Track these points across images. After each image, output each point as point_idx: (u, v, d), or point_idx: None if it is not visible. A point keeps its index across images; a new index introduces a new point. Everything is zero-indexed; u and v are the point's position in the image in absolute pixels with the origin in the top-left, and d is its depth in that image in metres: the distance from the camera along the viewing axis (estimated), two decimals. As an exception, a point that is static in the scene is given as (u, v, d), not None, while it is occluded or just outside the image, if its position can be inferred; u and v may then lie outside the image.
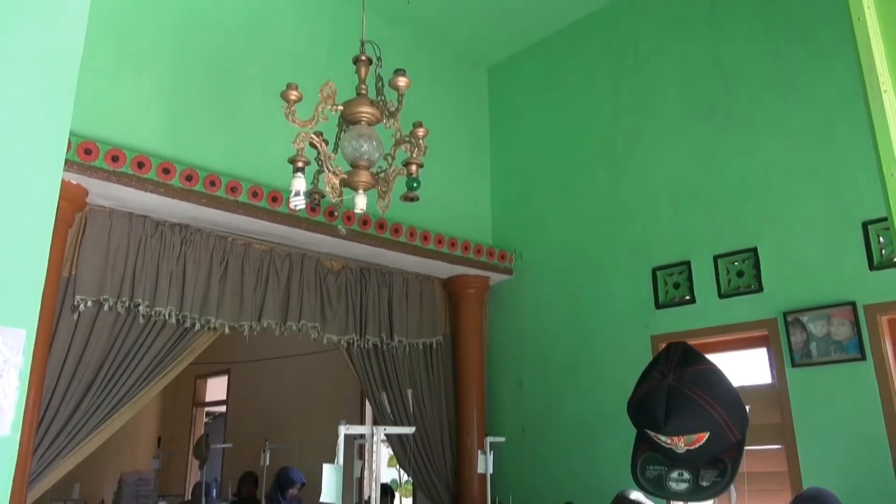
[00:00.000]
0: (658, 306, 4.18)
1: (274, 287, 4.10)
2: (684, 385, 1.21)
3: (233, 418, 8.66)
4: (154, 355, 3.61)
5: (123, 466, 8.01)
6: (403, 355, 4.73)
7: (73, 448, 3.29)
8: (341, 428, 2.11)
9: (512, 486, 4.32)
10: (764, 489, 3.58)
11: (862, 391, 3.32)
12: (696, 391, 1.19)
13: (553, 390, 4.66)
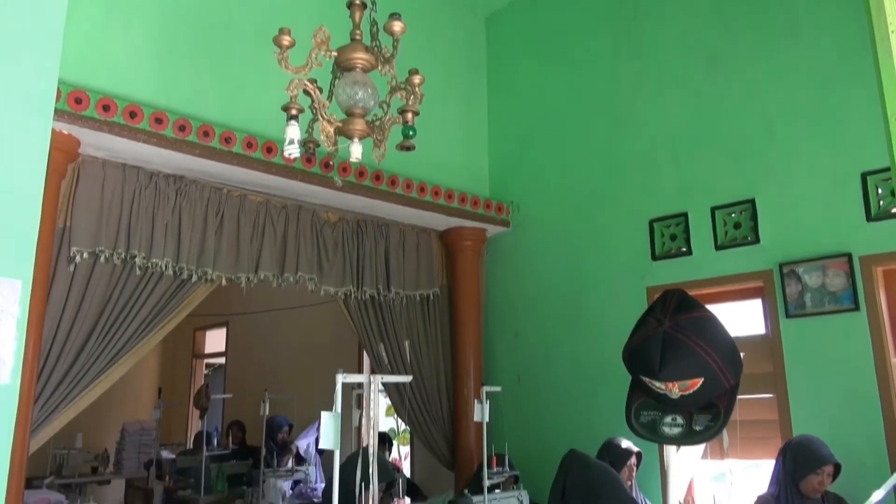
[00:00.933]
0: (654, 258, 4.19)
1: (270, 239, 4.09)
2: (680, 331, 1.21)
3: (232, 370, 8.76)
4: (152, 307, 3.62)
5: (125, 417, 8.13)
6: (401, 307, 4.76)
7: (73, 398, 3.33)
8: (339, 377, 2.13)
9: (508, 434, 4.39)
10: (755, 437, 3.65)
11: (854, 341, 3.36)
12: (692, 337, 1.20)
13: (549, 341, 4.71)
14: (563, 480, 2.18)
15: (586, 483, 2.13)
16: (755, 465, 3.85)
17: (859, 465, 3.15)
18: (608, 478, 2.17)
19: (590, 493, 2.10)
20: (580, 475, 2.16)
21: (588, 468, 2.19)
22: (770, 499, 3.00)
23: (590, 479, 2.14)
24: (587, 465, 2.20)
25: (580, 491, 2.12)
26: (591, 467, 2.20)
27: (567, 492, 2.14)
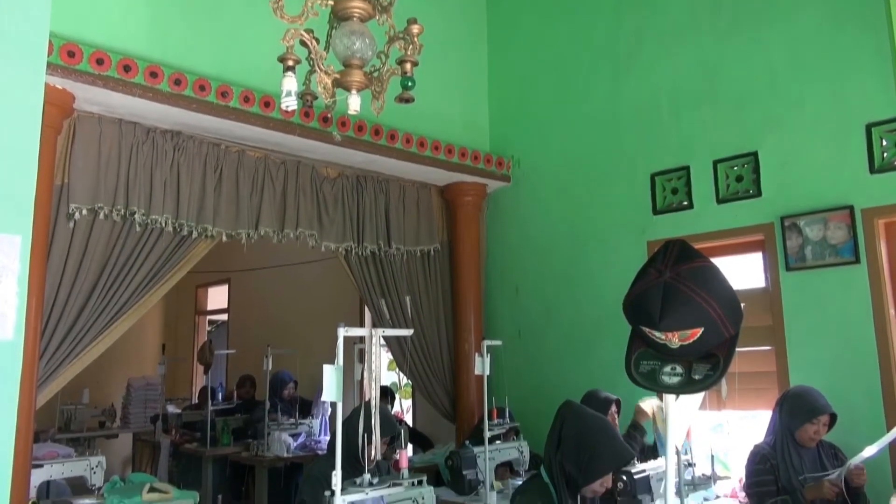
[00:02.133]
0: (655, 212, 4.18)
1: (270, 195, 4.07)
2: (680, 281, 1.21)
3: (235, 326, 8.83)
4: (153, 263, 3.63)
5: (130, 372, 8.23)
6: (401, 262, 4.77)
7: (78, 353, 3.36)
8: (340, 330, 2.14)
9: (508, 387, 4.44)
10: (753, 388, 3.70)
11: (854, 294, 3.37)
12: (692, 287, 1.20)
13: (549, 296, 4.73)
14: (559, 431, 2.21)
15: (581, 433, 2.17)
16: (752, 415, 3.91)
17: (855, 414, 3.20)
18: (603, 427, 2.20)
19: (585, 443, 2.14)
20: (575, 425, 2.20)
21: (583, 418, 2.22)
22: (766, 448, 3.05)
23: (585, 429, 2.18)
24: (582, 416, 2.23)
25: (575, 441, 2.15)
26: (586, 417, 2.23)
27: (563, 442, 2.18)
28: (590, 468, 2.11)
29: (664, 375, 1.23)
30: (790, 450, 2.99)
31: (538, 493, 2.15)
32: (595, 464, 2.11)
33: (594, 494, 2.21)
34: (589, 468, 2.11)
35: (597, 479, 2.14)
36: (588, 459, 2.11)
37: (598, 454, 2.12)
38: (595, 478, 2.13)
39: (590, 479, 2.13)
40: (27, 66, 1.96)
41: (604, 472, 2.14)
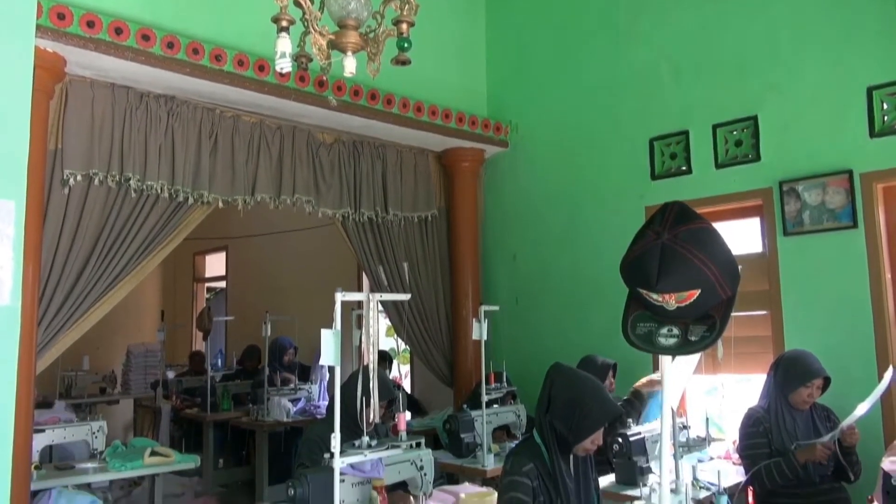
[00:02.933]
0: (654, 177, 4.16)
1: (266, 160, 4.04)
2: (678, 243, 1.21)
3: (233, 293, 8.85)
4: (149, 229, 3.62)
5: (130, 339, 8.27)
6: (399, 229, 4.76)
7: (76, 319, 3.37)
8: (338, 295, 2.14)
9: (505, 352, 4.48)
10: (748, 352, 3.73)
11: (850, 259, 3.38)
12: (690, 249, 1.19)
13: (547, 261, 4.73)
14: (548, 392, 2.23)
15: (570, 393, 2.18)
16: (747, 379, 3.95)
17: (849, 378, 3.22)
18: (593, 388, 2.22)
19: (574, 402, 2.15)
20: (564, 386, 2.21)
21: (571, 379, 2.24)
22: (760, 410, 3.08)
23: (573, 389, 2.19)
24: (570, 376, 2.24)
25: (564, 401, 2.17)
26: (575, 378, 2.24)
27: (552, 403, 2.19)
28: (580, 426, 2.13)
29: (660, 337, 1.24)
30: (784, 413, 3.02)
31: (530, 454, 2.18)
32: (584, 422, 2.13)
33: (586, 452, 2.23)
34: (579, 426, 2.13)
35: (587, 436, 2.16)
36: (578, 418, 2.13)
37: (586, 412, 2.14)
38: (585, 436, 2.16)
39: (580, 438, 2.15)
40: (16, 28, 1.92)
41: (593, 429, 2.16)
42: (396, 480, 2.66)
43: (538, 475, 2.13)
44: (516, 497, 2.09)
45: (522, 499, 2.08)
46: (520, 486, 2.10)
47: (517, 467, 2.13)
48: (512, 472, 2.14)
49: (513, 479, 2.12)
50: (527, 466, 2.13)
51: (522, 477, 2.11)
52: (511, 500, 2.09)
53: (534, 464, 2.14)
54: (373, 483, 2.36)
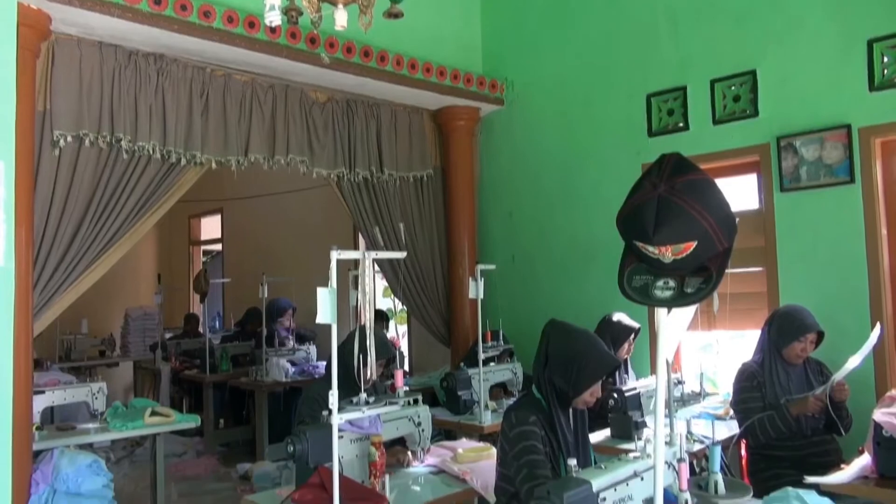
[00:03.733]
0: (651, 134, 4.13)
1: (258, 120, 3.99)
2: (675, 195, 1.20)
3: (229, 255, 8.84)
4: (142, 191, 3.58)
5: (128, 303, 8.30)
6: (394, 189, 4.73)
7: (72, 282, 3.36)
8: (333, 253, 2.13)
9: (502, 310, 4.50)
10: (743, 308, 3.75)
11: (847, 214, 3.38)
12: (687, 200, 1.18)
13: (543, 219, 4.73)
14: (545, 348, 2.24)
15: (567, 347, 2.19)
16: (741, 335, 3.98)
17: (843, 332, 3.25)
18: (589, 342, 2.23)
19: (571, 356, 2.17)
20: (561, 341, 2.23)
21: (568, 333, 2.25)
22: (753, 365, 3.11)
23: (570, 343, 2.21)
24: (568, 333, 2.25)
25: (562, 355, 2.18)
26: (571, 332, 2.25)
27: (550, 358, 2.21)
28: (578, 379, 2.15)
29: (657, 290, 1.24)
30: (777, 367, 3.05)
31: (531, 408, 2.20)
32: (583, 375, 2.15)
33: (585, 405, 2.26)
34: (577, 380, 2.15)
35: (586, 389, 2.18)
36: (576, 371, 2.15)
37: (584, 365, 2.15)
38: (584, 388, 2.18)
39: (579, 391, 2.17)
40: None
41: (592, 381, 2.18)
42: (395, 437, 2.69)
43: (542, 426, 2.15)
44: (532, 445, 2.11)
45: (537, 445, 2.11)
46: (532, 435, 2.12)
47: (523, 419, 2.16)
48: (519, 424, 2.16)
49: (523, 430, 2.14)
50: (532, 418, 2.15)
51: (531, 426, 2.13)
52: (528, 448, 2.11)
53: (536, 417, 2.16)
54: (371, 439, 2.39)
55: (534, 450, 2.10)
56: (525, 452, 2.12)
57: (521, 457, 2.12)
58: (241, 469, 5.39)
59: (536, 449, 2.10)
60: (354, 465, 2.43)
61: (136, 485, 5.15)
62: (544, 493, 1.61)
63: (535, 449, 2.10)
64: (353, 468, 2.42)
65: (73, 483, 3.09)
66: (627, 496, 1.73)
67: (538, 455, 2.10)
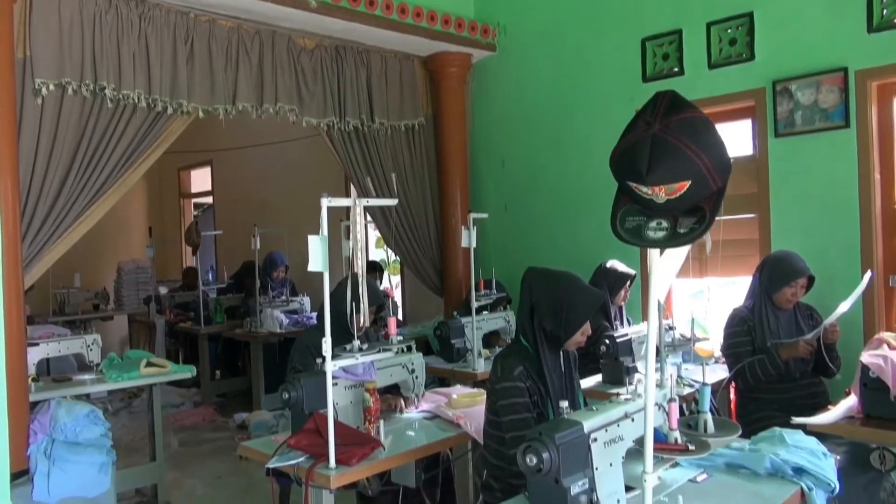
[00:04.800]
0: (645, 80, 4.07)
1: (245, 67, 3.90)
2: (670, 133, 1.17)
3: (220, 208, 8.78)
4: (129, 141, 3.52)
5: (119, 256, 8.27)
6: (385, 138, 4.68)
7: (61, 234, 3.32)
8: (324, 200, 2.11)
9: (495, 259, 4.51)
10: (735, 255, 3.76)
11: (841, 159, 3.36)
12: (682, 139, 1.16)
13: (536, 168, 4.69)
14: (529, 296, 2.23)
15: (553, 291, 2.19)
16: (732, 282, 4.00)
17: (833, 277, 3.27)
18: (573, 282, 2.23)
19: (559, 299, 2.17)
20: (544, 286, 2.22)
21: (550, 278, 2.24)
22: (744, 310, 3.14)
23: (555, 287, 2.20)
24: (551, 277, 2.25)
25: (549, 300, 2.18)
26: (553, 277, 2.24)
27: (536, 305, 2.20)
28: (569, 321, 2.16)
29: (649, 230, 1.23)
30: (767, 312, 3.07)
31: (519, 356, 2.21)
32: (573, 315, 2.16)
33: (577, 346, 2.28)
34: (568, 321, 2.16)
35: (577, 329, 2.19)
36: (566, 313, 2.15)
37: (573, 305, 2.16)
38: (576, 329, 2.19)
39: (571, 332, 2.18)
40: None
41: (583, 320, 2.20)
42: (389, 383, 2.72)
43: (528, 375, 2.17)
44: (516, 402, 2.12)
45: (521, 401, 2.12)
46: (514, 391, 2.14)
47: (508, 372, 2.17)
48: (504, 378, 2.17)
49: (506, 386, 2.16)
50: (517, 369, 2.16)
51: (515, 381, 2.15)
52: (512, 405, 2.13)
53: (523, 365, 2.17)
54: (365, 386, 2.41)
55: (518, 409, 2.12)
56: (510, 411, 2.14)
57: (507, 414, 2.14)
58: (239, 418, 5.47)
59: (521, 407, 2.12)
60: (349, 412, 2.45)
61: (135, 435, 5.23)
62: (536, 433, 1.63)
63: (520, 408, 2.12)
64: (348, 414, 2.45)
65: (71, 432, 3.12)
66: (618, 437, 1.75)
67: (523, 414, 2.12)
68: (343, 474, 2.13)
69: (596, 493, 1.64)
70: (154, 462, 3.88)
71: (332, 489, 2.13)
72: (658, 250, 1.27)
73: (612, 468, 1.73)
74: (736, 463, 1.97)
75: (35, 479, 2.95)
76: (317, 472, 2.12)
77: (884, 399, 2.36)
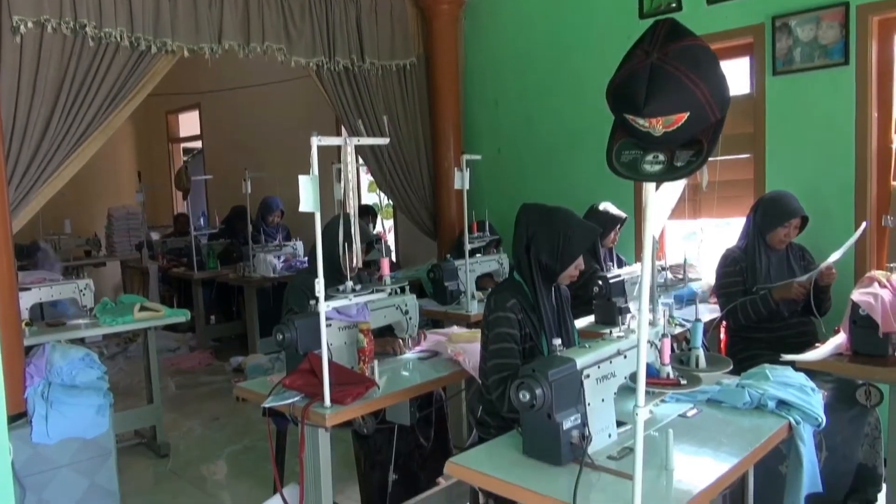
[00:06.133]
0: (642, 16, 3.97)
1: (231, 4, 3.79)
2: (668, 62, 1.14)
3: (210, 152, 8.67)
4: (113, 81, 3.44)
5: (109, 202, 8.19)
6: (376, 78, 4.58)
7: (47, 178, 3.27)
8: (314, 140, 2.07)
9: (488, 201, 4.49)
10: (730, 196, 3.75)
11: (839, 97, 3.31)
12: (681, 68, 1.13)
13: (530, 109, 4.62)
14: (525, 231, 2.23)
15: (549, 225, 2.19)
16: (726, 223, 4.00)
17: (827, 217, 3.28)
18: (568, 215, 2.23)
19: (554, 233, 2.17)
20: (541, 221, 2.22)
21: (546, 213, 2.24)
22: (736, 251, 3.14)
23: (551, 221, 2.20)
24: (547, 211, 2.24)
25: (545, 234, 2.18)
26: (548, 211, 2.24)
27: (532, 239, 2.20)
28: (564, 253, 2.17)
29: (646, 164, 1.20)
30: (760, 252, 3.07)
31: (512, 291, 2.22)
32: (569, 247, 2.17)
33: (571, 280, 2.28)
34: (563, 254, 2.17)
35: (572, 261, 2.21)
36: (562, 245, 2.16)
37: (568, 237, 2.17)
38: (570, 261, 2.20)
39: (566, 264, 2.19)
40: None
41: (578, 252, 2.21)
42: (382, 324, 2.73)
43: (521, 309, 2.18)
44: (504, 332, 2.14)
45: (510, 332, 2.14)
46: (505, 321, 2.15)
47: (501, 304, 2.18)
48: (496, 309, 2.18)
49: (498, 316, 2.17)
50: (510, 302, 2.17)
51: (507, 312, 2.16)
52: (499, 335, 2.15)
53: (516, 299, 2.18)
54: (359, 326, 2.41)
55: (505, 338, 2.13)
56: (496, 340, 2.15)
57: (493, 343, 2.16)
58: (235, 362, 5.52)
59: (508, 337, 2.13)
60: (343, 353, 2.47)
61: (132, 379, 5.28)
62: (529, 370, 1.64)
63: (507, 337, 2.13)
64: (342, 355, 2.46)
65: (67, 375, 3.14)
66: (610, 373, 1.77)
67: (508, 343, 2.13)
68: (338, 413, 2.15)
69: (588, 427, 1.67)
70: (152, 404, 3.93)
71: (327, 427, 2.15)
72: (654, 185, 1.25)
73: (604, 404, 1.75)
74: (716, 399, 1.99)
75: (33, 421, 2.98)
76: (312, 410, 2.14)
77: (872, 336, 2.38)
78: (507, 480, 1.60)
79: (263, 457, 3.74)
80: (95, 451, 3.20)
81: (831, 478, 2.62)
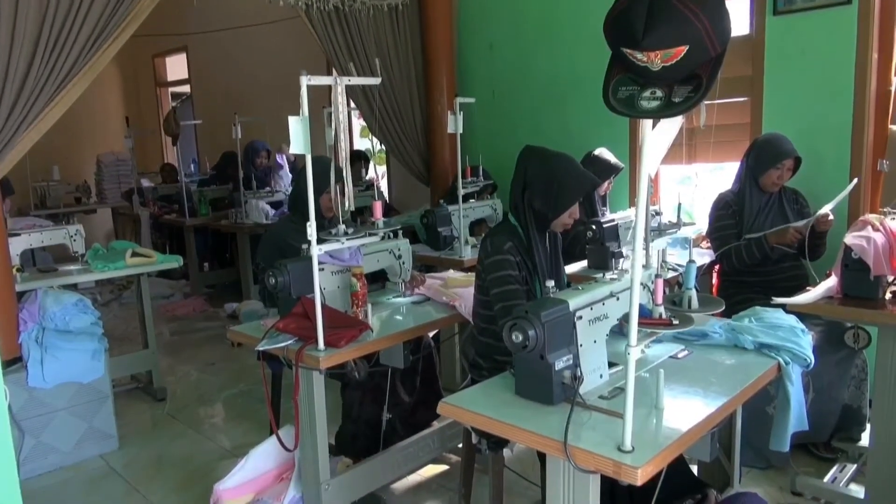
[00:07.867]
0: (641, -47, 3.85)
1: (215, -60, 3.64)
2: (668, -9, 1.10)
3: (198, 97, 8.51)
4: (95, 20, 3.31)
5: (98, 149, 8.08)
6: (368, 19, 4.46)
7: (31, 121, 3.19)
8: (303, 79, 2.02)
9: (481, 146, 4.43)
10: (725, 140, 3.71)
11: (839, 38, 3.25)
12: (681, -2, 1.09)
13: (525, 52, 4.52)
14: (523, 173, 2.21)
15: (546, 170, 2.17)
16: (720, 168, 3.98)
17: (822, 159, 3.26)
18: (568, 163, 2.20)
19: (551, 178, 2.15)
20: (539, 165, 2.20)
21: (546, 157, 2.21)
22: (730, 194, 3.13)
23: (549, 166, 2.18)
24: (547, 156, 2.22)
25: (542, 178, 2.16)
26: (549, 156, 2.22)
27: (529, 183, 2.19)
28: (558, 200, 2.15)
29: (643, 100, 1.17)
30: (752, 195, 3.06)
31: (507, 233, 2.21)
32: (564, 195, 2.15)
33: (564, 227, 2.27)
34: (557, 200, 2.15)
35: (565, 209, 2.19)
36: (556, 193, 2.14)
37: (563, 185, 2.15)
38: (564, 209, 2.19)
39: (559, 211, 2.18)
40: None
41: (571, 201, 2.19)
42: (375, 269, 2.72)
43: (518, 251, 2.18)
44: (505, 275, 2.14)
45: (512, 274, 2.14)
46: (505, 263, 2.15)
47: (498, 246, 2.17)
48: (494, 252, 2.17)
49: (497, 259, 2.16)
50: (507, 245, 2.17)
51: (505, 255, 2.16)
52: (501, 278, 2.14)
53: (512, 241, 2.18)
54: (352, 271, 2.40)
55: (508, 279, 2.13)
56: (499, 283, 2.15)
57: (495, 286, 2.16)
58: (229, 308, 5.54)
59: (511, 279, 2.13)
60: (336, 297, 2.47)
61: (127, 325, 5.30)
62: (522, 311, 1.65)
63: (510, 279, 2.13)
64: (336, 299, 2.46)
65: (60, 321, 3.15)
66: (603, 315, 1.78)
67: (512, 284, 2.13)
68: (332, 356, 2.16)
69: (580, 368, 1.68)
70: (147, 349, 3.95)
71: (321, 370, 2.16)
72: (650, 123, 1.22)
73: (596, 345, 1.76)
74: (699, 341, 2.02)
75: (29, 365, 3.00)
76: (306, 353, 2.15)
77: (863, 279, 2.39)
78: (499, 419, 1.62)
79: (259, 400, 3.79)
80: (92, 395, 3.24)
81: (817, 417, 2.68)
